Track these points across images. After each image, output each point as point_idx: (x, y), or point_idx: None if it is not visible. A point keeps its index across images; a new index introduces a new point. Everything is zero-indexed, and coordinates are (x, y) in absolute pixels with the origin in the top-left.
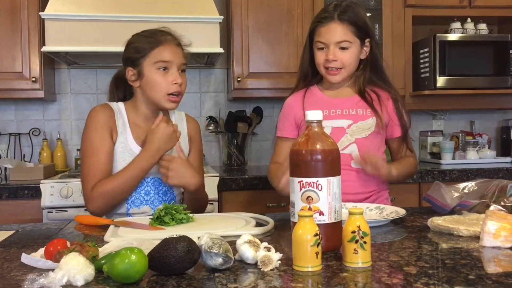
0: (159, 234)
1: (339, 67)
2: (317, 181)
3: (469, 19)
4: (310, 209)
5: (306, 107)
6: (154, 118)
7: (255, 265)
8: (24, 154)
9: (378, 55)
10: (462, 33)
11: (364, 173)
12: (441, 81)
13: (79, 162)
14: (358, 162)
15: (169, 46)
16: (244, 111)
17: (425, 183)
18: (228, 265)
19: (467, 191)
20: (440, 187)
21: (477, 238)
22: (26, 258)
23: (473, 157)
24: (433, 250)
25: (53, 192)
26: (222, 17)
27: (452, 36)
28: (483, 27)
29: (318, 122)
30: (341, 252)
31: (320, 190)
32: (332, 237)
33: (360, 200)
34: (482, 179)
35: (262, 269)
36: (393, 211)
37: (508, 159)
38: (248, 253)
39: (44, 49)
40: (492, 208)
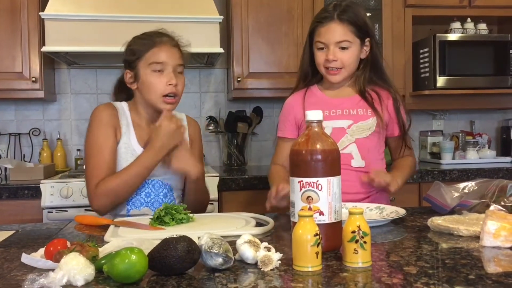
0: (159, 234)
1: (339, 67)
2: (317, 181)
3: (469, 19)
4: (310, 209)
5: (307, 107)
6: (154, 120)
7: (255, 265)
8: (24, 154)
9: (378, 55)
10: (462, 33)
11: (364, 173)
12: (441, 81)
13: (79, 162)
14: (368, 181)
15: (164, 47)
16: (244, 111)
17: (425, 183)
18: (228, 265)
19: (467, 191)
20: (440, 187)
21: (477, 238)
22: (26, 258)
23: (473, 157)
24: (433, 250)
25: (53, 192)
26: (222, 17)
27: (452, 36)
28: (483, 27)
29: (318, 122)
30: (341, 252)
31: (320, 190)
32: (332, 237)
33: (360, 200)
34: (482, 179)
35: (262, 269)
36: (393, 211)
37: (508, 159)
38: (248, 253)
39: (44, 49)
40: (492, 208)
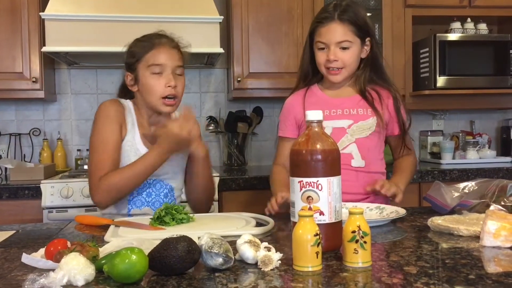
0: (159, 234)
1: (340, 67)
2: (317, 181)
3: (469, 19)
4: (310, 209)
5: (307, 106)
6: (155, 121)
7: (255, 265)
8: (24, 154)
9: (378, 54)
10: (462, 33)
11: (364, 173)
12: (441, 81)
13: (79, 162)
14: (373, 190)
15: (163, 49)
16: (244, 111)
17: (425, 183)
18: (228, 265)
19: (467, 191)
20: (440, 187)
21: (477, 238)
22: (26, 258)
23: (473, 157)
24: (433, 250)
25: (53, 192)
26: (222, 17)
27: (452, 36)
28: (483, 27)
29: (318, 122)
30: (341, 252)
31: (320, 190)
32: (332, 237)
33: (360, 200)
34: (482, 179)
35: (262, 269)
36: (393, 211)
37: (508, 159)
38: (248, 253)
39: (44, 49)
40: (492, 207)
